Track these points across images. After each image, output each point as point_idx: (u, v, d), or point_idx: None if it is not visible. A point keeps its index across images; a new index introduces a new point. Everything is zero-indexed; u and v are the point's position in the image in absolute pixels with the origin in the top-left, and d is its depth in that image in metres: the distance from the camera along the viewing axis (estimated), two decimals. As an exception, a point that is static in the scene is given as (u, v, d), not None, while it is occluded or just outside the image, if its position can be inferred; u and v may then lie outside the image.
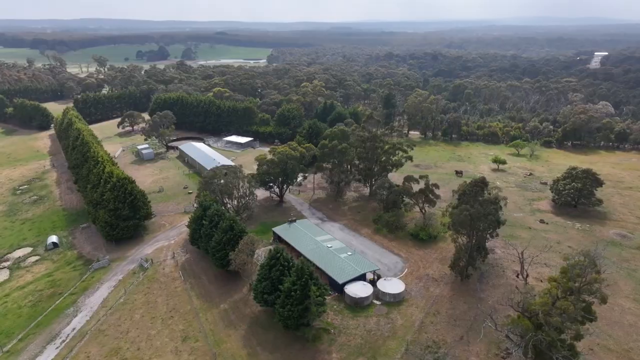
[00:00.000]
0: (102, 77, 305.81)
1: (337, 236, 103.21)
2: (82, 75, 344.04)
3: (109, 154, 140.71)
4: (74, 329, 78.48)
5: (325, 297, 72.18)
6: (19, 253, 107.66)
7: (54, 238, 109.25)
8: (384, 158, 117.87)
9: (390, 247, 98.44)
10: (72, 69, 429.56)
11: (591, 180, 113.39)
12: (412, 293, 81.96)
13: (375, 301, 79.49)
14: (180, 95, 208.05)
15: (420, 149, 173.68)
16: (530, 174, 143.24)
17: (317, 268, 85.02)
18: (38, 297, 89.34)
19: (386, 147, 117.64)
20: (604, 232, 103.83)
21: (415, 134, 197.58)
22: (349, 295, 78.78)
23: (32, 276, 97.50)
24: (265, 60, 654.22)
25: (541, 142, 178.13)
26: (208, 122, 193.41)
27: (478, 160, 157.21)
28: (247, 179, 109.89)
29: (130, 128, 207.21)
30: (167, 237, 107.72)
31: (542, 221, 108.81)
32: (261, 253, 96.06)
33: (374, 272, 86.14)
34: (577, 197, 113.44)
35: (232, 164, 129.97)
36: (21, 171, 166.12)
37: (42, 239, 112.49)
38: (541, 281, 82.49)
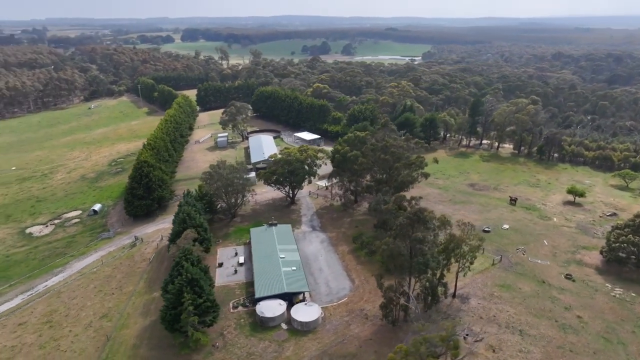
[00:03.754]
0: (241, 68, 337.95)
1: (311, 248, 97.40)
2: (239, 67, 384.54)
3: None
4: (45, 286, 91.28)
5: (210, 306, 69.19)
6: (72, 214, 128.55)
7: (97, 206, 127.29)
8: (394, 171, 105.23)
9: (352, 270, 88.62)
10: (234, 61, 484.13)
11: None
12: (327, 326, 73.09)
13: (283, 324, 73.24)
14: (273, 89, 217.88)
15: (495, 166, 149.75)
16: (613, 215, 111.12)
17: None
18: (50, 254, 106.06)
19: (400, 161, 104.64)
20: (649, 308, 75.78)
21: (507, 148, 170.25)
22: (257, 313, 74.16)
23: (62, 235, 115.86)
24: (420, 58, 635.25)
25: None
26: (290, 116, 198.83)
27: (556, 189, 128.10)
28: (246, 176, 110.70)
29: (240, 117, 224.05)
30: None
31: (568, 276, 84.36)
32: (220, 251, 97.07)
33: (304, 294, 79.09)
34: (635, 255, 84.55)
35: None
36: (130, 146, 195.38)
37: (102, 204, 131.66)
38: None
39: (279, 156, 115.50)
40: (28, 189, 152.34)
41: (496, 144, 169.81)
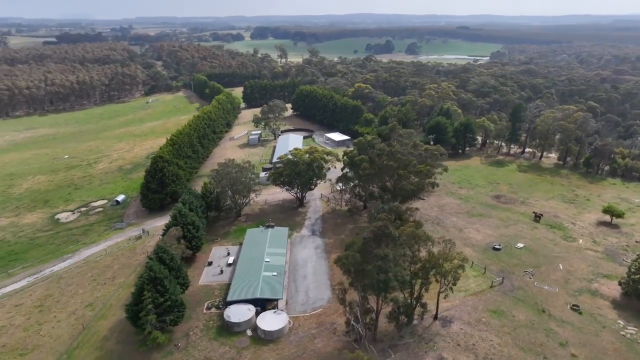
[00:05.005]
0: (291, 67, 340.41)
1: (304, 254, 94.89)
2: (290, 66, 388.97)
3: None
4: (51, 270, 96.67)
5: (172, 305, 69.06)
6: (98, 203, 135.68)
7: (120, 197, 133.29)
8: (398, 179, 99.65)
9: (337, 280, 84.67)
10: (292, 59, 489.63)
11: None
12: (292, 337, 70.49)
13: (248, 331, 71.67)
14: (312, 88, 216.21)
15: (531, 177, 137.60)
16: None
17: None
18: (66, 240, 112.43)
19: (407, 168, 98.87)
20: (663, 354, 65.17)
21: (552, 159, 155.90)
22: (223, 316, 73.19)
23: (82, 223, 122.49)
24: (488, 58, 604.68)
25: None
26: (324, 116, 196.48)
27: (594, 206, 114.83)
28: (253, 175, 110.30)
29: (272, 115, 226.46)
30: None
31: (574, 307, 74.91)
32: (214, 250, 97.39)
33: (276, 302, 76.91)
34: (658, 290, 73.29)
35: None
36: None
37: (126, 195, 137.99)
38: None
39: (289, 157, 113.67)
40: (71, 177, 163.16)
41: (539, 153, 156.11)
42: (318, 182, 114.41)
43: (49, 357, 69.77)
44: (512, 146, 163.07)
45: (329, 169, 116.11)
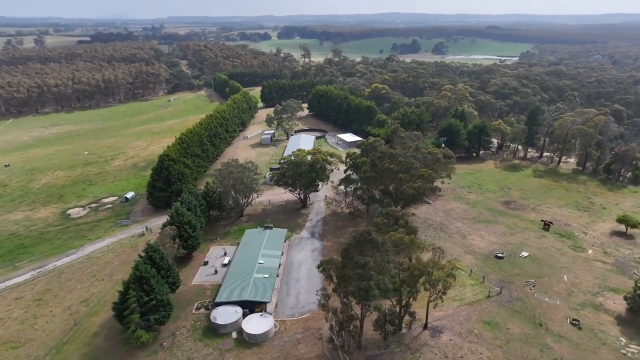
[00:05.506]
0: (310, 66, 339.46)
1: (300, 256, 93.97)
2: (309, 65, 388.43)
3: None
4: (55, 265, 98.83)
5: (157, 305, 69.18)
6: (108, 199, 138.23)
7: (129, 194, 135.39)
8: (398, 183, 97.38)
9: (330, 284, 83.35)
10: (315, 58, 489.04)
11: None
12: (276, 341, 69.66)
13: (234, 333, 71.23)
14: (327, 89, 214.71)
15: (546, 183, 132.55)
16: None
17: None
18: (74, 235, 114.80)
19: (409, 172, 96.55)
20: (665, 376, 61.19)
21: (571, 164, 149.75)
22: (210, 318, 72.98)
23: (91, 219, 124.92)
24: (517, 58, 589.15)
25: None
26: (338, 117, 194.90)
27: (610, 215, 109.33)
28: (255, 176, 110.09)
29: (285, 115, 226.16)
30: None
31: (574, 322, 71.29)
32: (212, 250, 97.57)
33: (265, 304, 76.16)
34: (667, 307, 68.92)
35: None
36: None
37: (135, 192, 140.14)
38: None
39: (291, 158, 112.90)
40: (87, 173, 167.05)
41: (557, 157, 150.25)
42: (321, 183, 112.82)
43: (39, 351, 71.06)
44: (529, 150, 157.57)
45: (332, 170, 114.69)
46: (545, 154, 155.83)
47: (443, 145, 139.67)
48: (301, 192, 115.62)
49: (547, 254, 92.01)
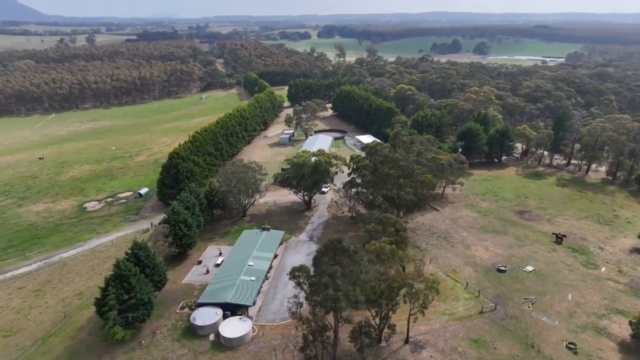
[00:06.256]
0: (343, 66, 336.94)
1: (294, 260, 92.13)
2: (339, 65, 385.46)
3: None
4: (60, 257, 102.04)
5: (136, 303, 69.52)
6: (124, 194, 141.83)
7: (143, 190, 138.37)
8: (398, 189, 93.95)
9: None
10: (350, 57, 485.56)
11: None
12: (251, 346, 68.60)
13: (211, 335, 70.72)
14: (350, 89, 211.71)
15: (568, 192, 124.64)
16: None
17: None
18: (84, 228, 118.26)
19: (410, 178, 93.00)
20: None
21: (600, 173, 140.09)
22: (190, 319, 72.81)
23: (104, 213, 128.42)
24: (563, 59, 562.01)
25: None
26: (360, 117, 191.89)
27: (633, 230, 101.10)
28: (259, 176, 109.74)
29: (305, 115, 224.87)
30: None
31: (571, 345, 66.05)
32: (209, 249, 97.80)
33: (246, 309, 75.20)
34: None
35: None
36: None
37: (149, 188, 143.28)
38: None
39: (295, 160, 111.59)
40: (111, 168, 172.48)
41: (585, 166, 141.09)
42: (330, 186, 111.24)
43: (26, 341, 73.21)
44: (555, 157, 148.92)
45: (337, 173, 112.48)
46: (573, 161, 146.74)
47: (460, 149, 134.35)
48: (305, 194, 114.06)
49: (554, 269, 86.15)
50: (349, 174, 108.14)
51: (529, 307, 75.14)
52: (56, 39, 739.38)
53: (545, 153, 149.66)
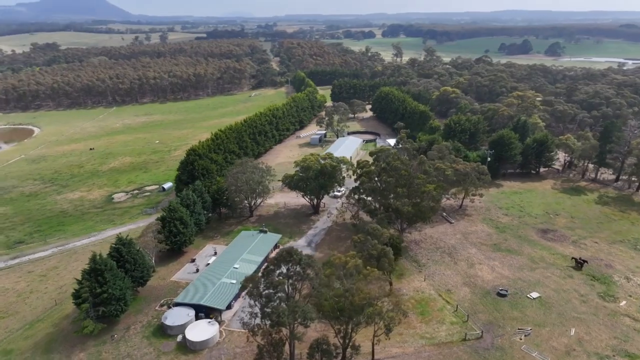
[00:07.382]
0: (392, 66, 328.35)
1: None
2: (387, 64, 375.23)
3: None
4: (74, 245, 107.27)
5: (108, 298, 70.65)
6: (151, 187, 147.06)
7: (167, 184, 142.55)
8: (395, 196, 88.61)
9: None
10: (409, 57, 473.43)
11: None
12: (214, 351, 67.59)
13: (179, 337, 70.52)
14: (389, 90, 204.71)
15: (608, 212, 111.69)
16: None
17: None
18: (105, 218, 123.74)
19: (411, 187, 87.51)
20: None
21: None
22: (162, 318, 73.08)
23: (127, 205, 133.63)
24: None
25: None
26: (395, 120, 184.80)
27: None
28: (268, 177, 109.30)
29: (352, 115, 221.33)
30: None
31: (556, 390, 58.38)
32: (206, 248, 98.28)
33: (220, 313, 74.25)
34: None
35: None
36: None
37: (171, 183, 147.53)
38: None
39: (301, 163, 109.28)
40: (148, 161, 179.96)
41: (637, 183, 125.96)
42: (339, 190, 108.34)
43: (16, 325, 77.26)
44: (601, 172, 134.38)
45: (344, 177, 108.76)
46: (622, 177, 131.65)
47: (489, 159, 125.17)
48: (313, 198, 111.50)
49: (563, 298, 77.13)
50: (355, 180, 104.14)
51: (521, 339, 67.61)
52: (131, 37, 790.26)
53: (591, 166, 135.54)
